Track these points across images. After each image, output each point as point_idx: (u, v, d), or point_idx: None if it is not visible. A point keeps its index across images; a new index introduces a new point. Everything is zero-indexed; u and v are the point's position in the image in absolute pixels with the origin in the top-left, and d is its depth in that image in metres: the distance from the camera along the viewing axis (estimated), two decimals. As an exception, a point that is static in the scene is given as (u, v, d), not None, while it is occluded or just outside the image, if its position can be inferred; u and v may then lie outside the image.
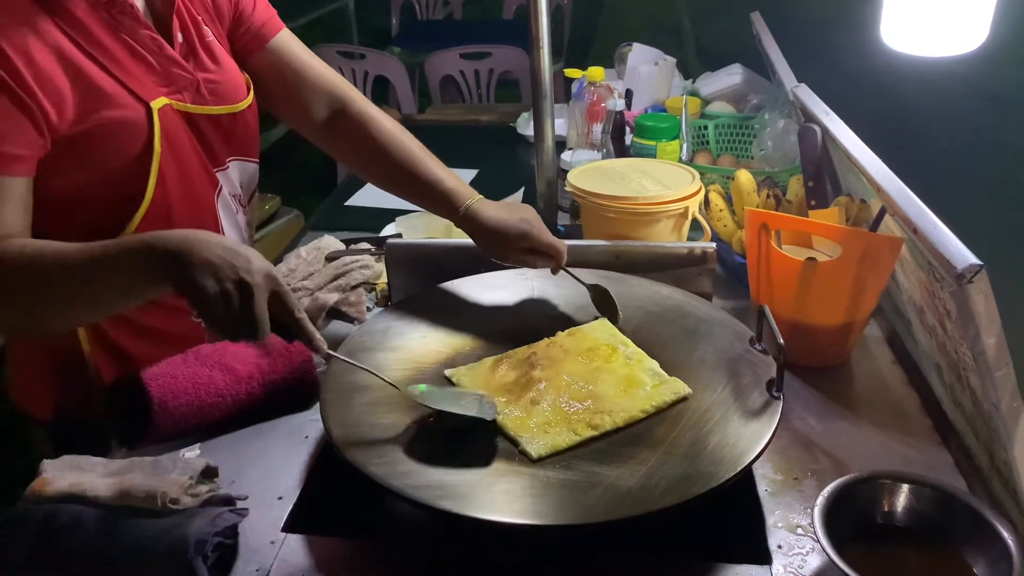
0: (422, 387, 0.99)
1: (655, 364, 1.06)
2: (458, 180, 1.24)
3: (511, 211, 1.20)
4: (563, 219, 1.73)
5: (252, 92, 1.24)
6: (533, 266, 1.20)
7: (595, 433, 0.95)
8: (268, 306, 0.88)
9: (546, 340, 1.12)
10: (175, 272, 0.87)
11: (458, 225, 1.22)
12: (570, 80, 2.23)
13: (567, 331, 1.14)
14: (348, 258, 1.49)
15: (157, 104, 1.08)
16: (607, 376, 1.03)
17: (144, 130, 1.07)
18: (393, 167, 1.25)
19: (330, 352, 0.97)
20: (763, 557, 0.91)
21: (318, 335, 0.94)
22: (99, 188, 1.06)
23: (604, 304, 1.19)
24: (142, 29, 1.08)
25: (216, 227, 1.22)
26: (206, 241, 0.88)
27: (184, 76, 1.12)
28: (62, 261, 0.91)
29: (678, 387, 1.02)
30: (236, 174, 1.25)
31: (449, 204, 1.21)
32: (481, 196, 1.22)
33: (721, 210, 1.49)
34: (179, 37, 1.13)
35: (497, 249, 1.20)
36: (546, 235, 1.17)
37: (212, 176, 1.19)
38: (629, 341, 1.11)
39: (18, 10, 0.97)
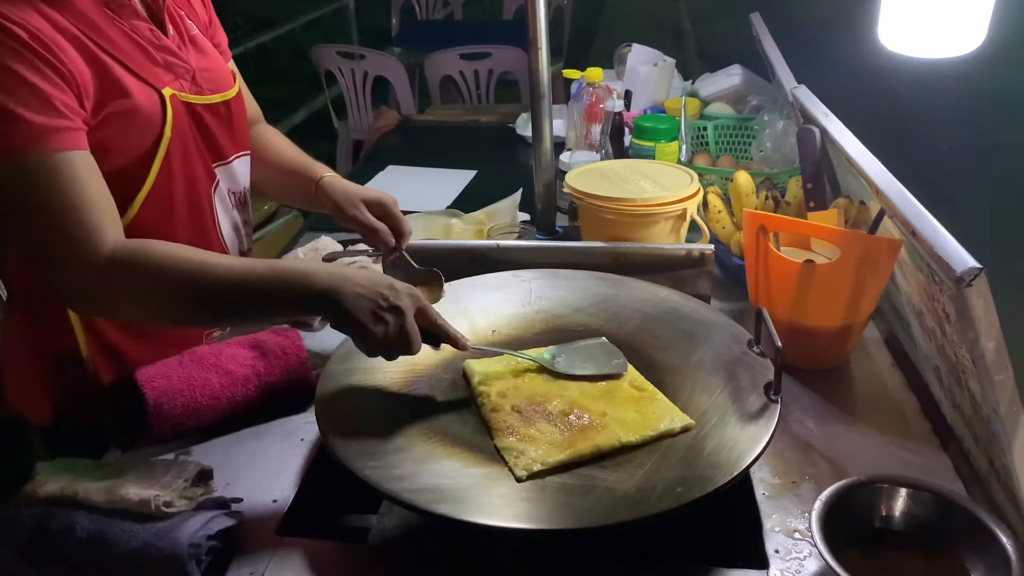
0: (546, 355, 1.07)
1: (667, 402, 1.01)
2: (318, 163, 1.36)
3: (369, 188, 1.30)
4: (561, 220, 1.72)
5: (238, 82, 1.28)
6: (370, 234, 1.25)
7: (586, 453, 0.92)
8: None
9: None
10: (330, 310, 0.95)
11: (316, 196, 1.30)
12: (569, 81, 2.23)
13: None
14: (345, 259, 1.49)
15: (167, 92, 1.11)
16: (619, 398, 1.01)
17: (159, 117, 1.09)
18: (259, 161, 1.35)
19: (474, 346, 1.04)
20: (760, 561, 0.90)
21: (461, 335, 1.01)
22: (110, 174, 1.05)
23: (428, 286, 1.22)
24: (140, 21, 1.10)
25: (212, 220, 1.22)
26: (351, 279, 0.96)
27: (181, 65, 1.15)
28: (221, 274, 0.97)
29: (684, 422, 0.97)
30: (240, 171, 1.27)
31: (307, 178, 1.31)
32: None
33: (720, 212, 1.48)
34: (171, 29, 1.16)
35: (345, 205, 1.26)
36: (398, 212, 1.26)
37: (211, 170, 1.21)
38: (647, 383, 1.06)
39: (32, 6, 0.97)
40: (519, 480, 0.89)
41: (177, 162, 1.13)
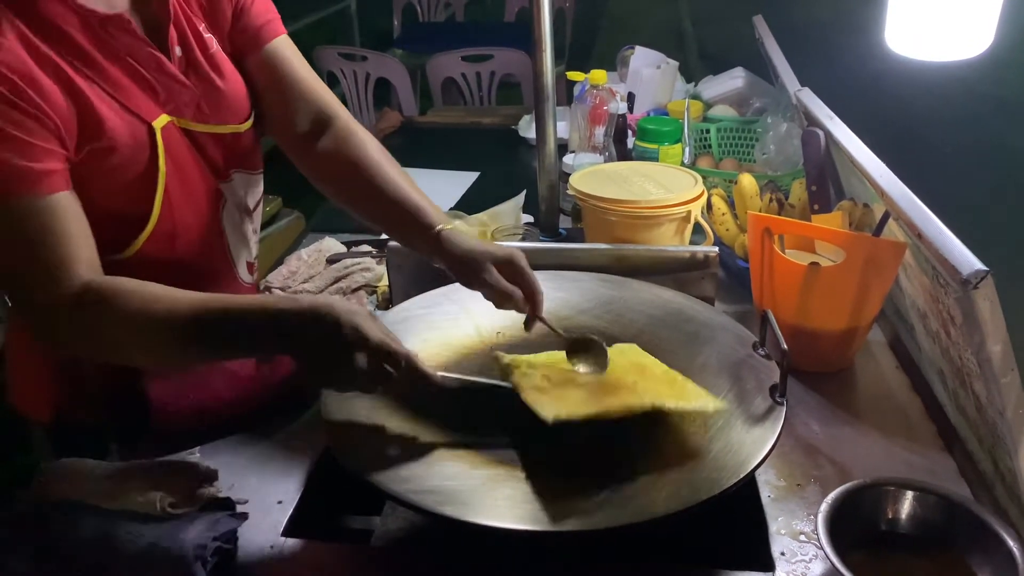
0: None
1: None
2: (436, 207, 1.16)
3: (494, 245, 1.11)
4: (565, 222, 1.72)
5: (253, 115, 1.20)
6: (503, 300, 1.07)
7: (614, 410, 0.93)
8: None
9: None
10: (323, 328, 0.88)
11: (431, 247, 1.11)
12: (572, 83, 2.23)
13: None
14: (349, 260, 1.49)
15: (159, 123, 1.05)
16: (652, 377, 1.01)
17: (146, 150, 1.04)
18: (368, 186, 1.17)
19: (443, 376, 0.95)
20: (766, 564, 0.90)
21: (431, 373, 0.93)
22: (105, 208, 1.03)
23: (584, 353, 1.05)
24: (140, 45, 1.03)
25: (222, 243, 1.19)
26: (325, 304, 0.89)
27: (183, 91, 1.08)
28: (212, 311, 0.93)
29: (712, 403, 0.96)
30: (241, 185, 1.21)
31: (423, 224, 1.12)
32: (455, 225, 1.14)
33: (723, 214, 1.48)
34: (177, 51, 1.08)
35: (470, 267, 1.08)
36: (529, 270, 1.08)
37: (216, 190, 1.16)
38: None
39: (17, 35, 0.93)
40: (549, 423, 0.89)
41: (178, 191, 1.08)
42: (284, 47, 1.21)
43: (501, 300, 1.07)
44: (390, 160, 1.20)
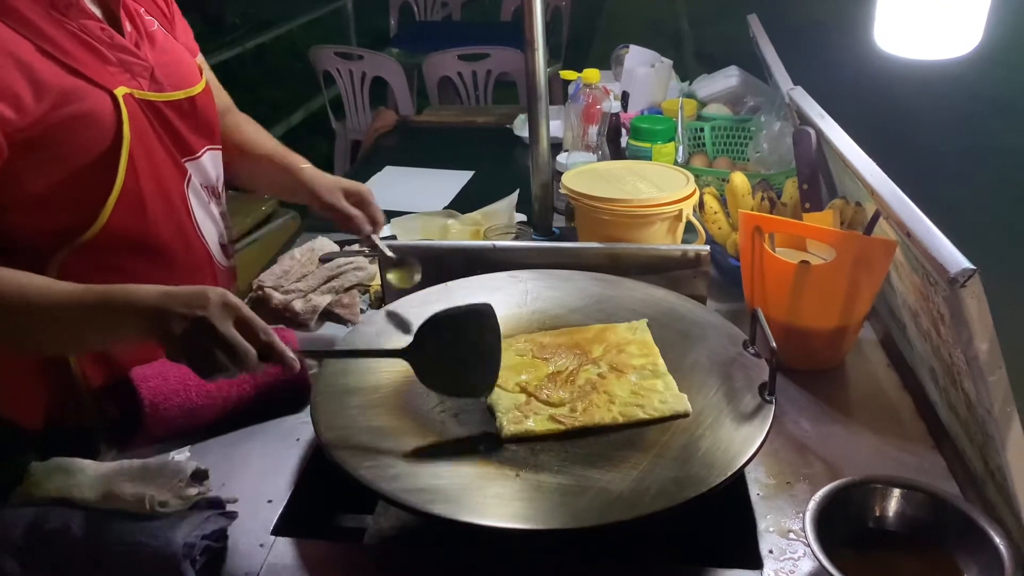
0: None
1: (672, 383, 1.03)
2: (292, 152, 1.39)
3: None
4: (558, 221, 1.72)
5: (204, 77, 1.26)
6: (348, 221, 1.28)
7: (567, 426, 0.96)
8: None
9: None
10: (155, 332, 0.91)
11: (295, 183, 1.33)
12: (567, 82, 2.23)
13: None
14: (342, 260, 1.48)
15: (120, 92, 1.08)
16: (623, 376, 1.04)
17: (111, 118, 1.07)
18: (246, 156, 1.38)
19: (307, 354, 0.98)
20: (754, 562, 0.91)
21: (289, 353, 0.93)
22: (73, 180, 1.05)
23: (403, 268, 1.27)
24: (90, 21, 1.07)
25: (188, 217, 1.21)
26: (170, 295, 0.92)
27: (138, 63, 1.12)
28: (46, 304, 0.95)
29: (681, 406, 0.99)
30: (210, 164, 1.25)
31: (287, 165, 1.34)
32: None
33: (716, 212, 1.48)
34: (127, 26, 1.14)
35: (329, 195, 1.29)
36: (373, 201, 1.31)
37: (180, 166, 1.19)
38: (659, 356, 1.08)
39: None
40: (502, 439, 0.93)
41: (143, 161, 1.11)
42: (204, 65, 1.33)
43: (344, 220, 1.29)
44: (250, 122, 1.43)
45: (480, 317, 0.98)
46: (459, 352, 0.97)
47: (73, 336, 0.99)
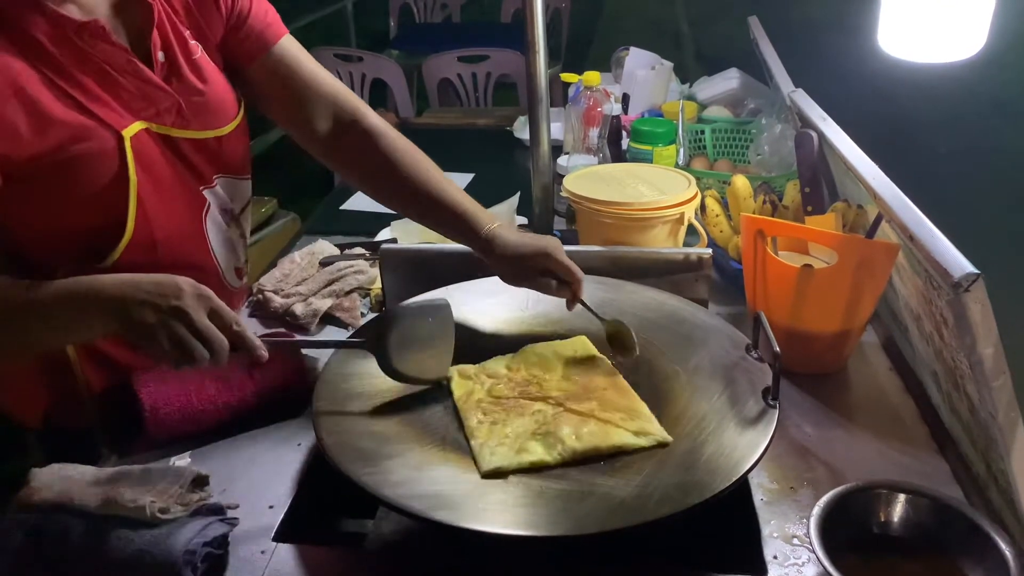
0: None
1: (644, 407, 1.00)
2: (476, 204, 1.19)
3: (533, 238, 1.15)
4: (559, 224, 1.72)
5: (242, 111, 1.20)
6: (550, 290, 1.13)
7: (550, 460, 0.92)
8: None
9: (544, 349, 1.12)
10: (120, 322, 0.90)
11: (477, 247, 1.16)
12: (567, 84, 2.23)
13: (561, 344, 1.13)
14: (342, 263, 1.48)
15: (130, 132, 1.04)
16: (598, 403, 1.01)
17: (114, 159, 1.03)
18: (404, 182, 1.19)
19: (272, 344, 0.96)
20: (758, 568, 0.90)
21: (258, 343, 0.93)
22: (78, 216, 1.03)
23: (618, 339, 1.12)
24: (118, 52, 1.02)
25: (205, 249, 1.19)
26: (139, 285, 0.90)
27: (163, 96, 1.07)
28: (19, 304, 0.93)
29: (659, 437, 0.95)
30: (225, 190, 1.21)
31: (469, 226, 1.16)
32: (500, 222, 1.18)
33: (717, 215, 1.48)
34: (160, 56, 1.07)
35: (515, 269, 1.14)
36: (566, 259, 1.12)
37: (199, 196, 1.15)
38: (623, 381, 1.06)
39: None
40: (481, 476, 0.90)
41: (154, 200, 1.08)
42: (290, 47, 1.20)
43: (546, 291, 1.13)
44: (424, 156, 1.22)
45: (434, 310, 1.06)
46: (415, 343, 1.03)
47: (44, 332, 0.96)
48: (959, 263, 0.83)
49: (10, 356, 1.09)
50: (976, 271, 0.81)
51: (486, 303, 1.23)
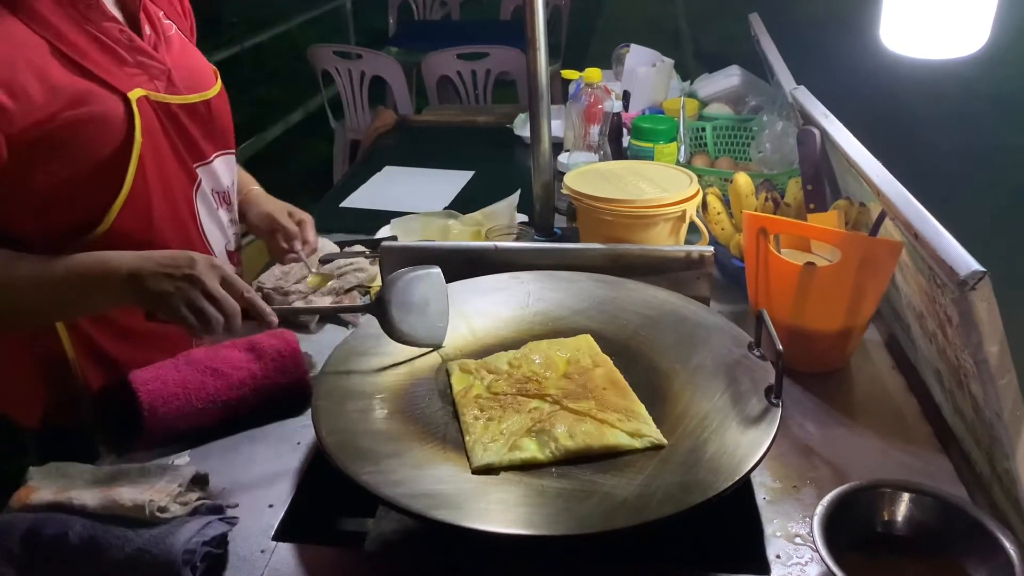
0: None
1: (642, 408, 0.99)
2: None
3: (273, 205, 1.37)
4: (560, 221, 1.71)
5: (220, 80, 1.26)
6: (285, 235, 1.33)
7: (543, 458, 0.92)
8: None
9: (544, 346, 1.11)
10: (137, 293, 1.00)
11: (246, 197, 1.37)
12: (567, 81, 2.22)
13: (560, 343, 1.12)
14: (343, 261, 1.48)
15: (134, 95, 1.09)
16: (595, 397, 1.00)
17: (123, 121, 1.07)
18: None
19: (280, 311, 1.05)
20: (761, 567, 0.90)
21: (268, 309, 1.02)
22: (81, 181, 1.06)
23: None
24: (109, 22, 1.08)
25: (195, 222, 1.21)
26: (152, 258, 1.01)
27: (156, 65, 1.13)
28: (32, 278, 1.02)
29: (655, 439, 0.94)
30: (223, 169, 1.25)
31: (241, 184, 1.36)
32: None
33: (719, 213, 1.47)
34: (147, 29, 1.15)
35: (275, 210, 1.36)
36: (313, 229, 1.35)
37: (190, 171, 1.19)
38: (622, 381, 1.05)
39: None
40: (472, 471, 0.90)
41: (152, 165, 1.12)
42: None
43: (281, 236, 1.32)
44: None
45: (428, 277, 1.14)
46: (413, 307, 1.11)
47: (56, 305, 1.06)
48: (965, 261, 0.82)
49: (17, 327, 1.16)
50: (982, 269, 0.80)
51: (487, 301, 1.22)
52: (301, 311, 1.34)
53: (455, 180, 2.09)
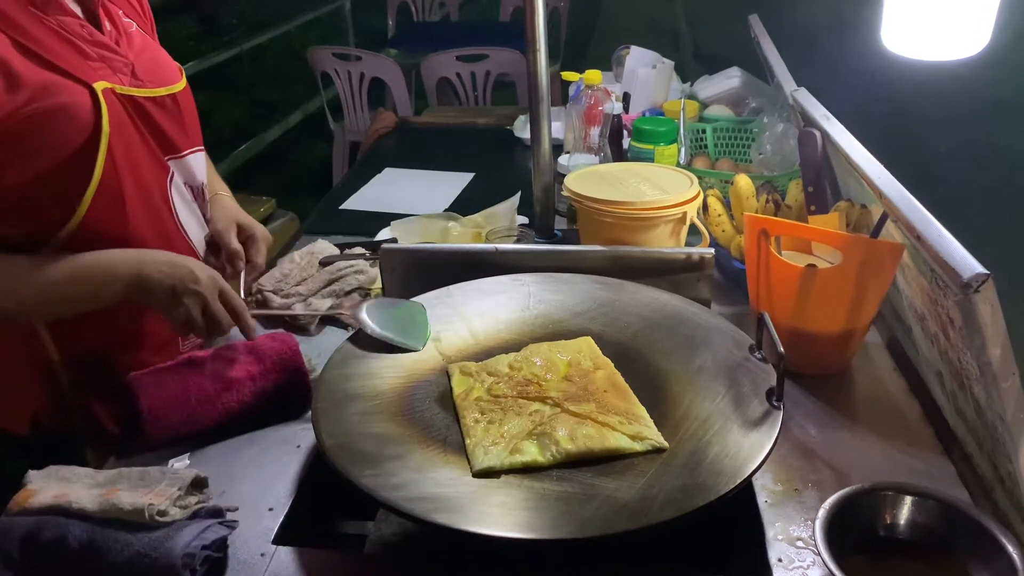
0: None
1: (643, 411, 0.98)
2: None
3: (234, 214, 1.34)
4: (560, 223, 1.71)
5: (185, 78, 1.25)
6: (229, 255, 1.28)
7: (544, 461, 0.91)
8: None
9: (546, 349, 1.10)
10: (137, 297, 1.07)
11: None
12: (567, 83, 2.22)
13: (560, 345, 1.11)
14: (342, 263, 1.47)
15: (100, 86, 1.08)
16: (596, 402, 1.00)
17: (90, 112, 1.06)
18: None
19: (258, 313, 1.15)
20: (763, 570, 0.89)
21: (253, 325, 1.12)
22: (50, 175, 1.05)
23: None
24: (68, 17, 1.08)
25: (171, 214, 1.20)
26: (153, 263, 1.07)
27: (118, 59, 1.13)
28: (36, 277, 1.05)
29: (656, 442, 0.94)
30: (195, 165, 1.25)
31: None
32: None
33: (720, 215, 1.47)
34: (107, 25, 1.15)
35: (221, 222, 1.32)
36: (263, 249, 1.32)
37: (162, 163, 1.18)
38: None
39: None
40: (473, 475, 0.90)
41: (122, 156, 1.10)
42: None
43: (226, 254, 1.28)
44: None
45: (410, 304, 1.19)
46: (392, 319, 1.15)
47: (58, 303, 1.08)
48: (968, 263, 0.82)
49: (14, 323, 1.16)
50: (986, 271, 0.80)
51: (487, 303, 1.22)
52: (283, 315, 1.37)
53: (455, 182, 2.09)
